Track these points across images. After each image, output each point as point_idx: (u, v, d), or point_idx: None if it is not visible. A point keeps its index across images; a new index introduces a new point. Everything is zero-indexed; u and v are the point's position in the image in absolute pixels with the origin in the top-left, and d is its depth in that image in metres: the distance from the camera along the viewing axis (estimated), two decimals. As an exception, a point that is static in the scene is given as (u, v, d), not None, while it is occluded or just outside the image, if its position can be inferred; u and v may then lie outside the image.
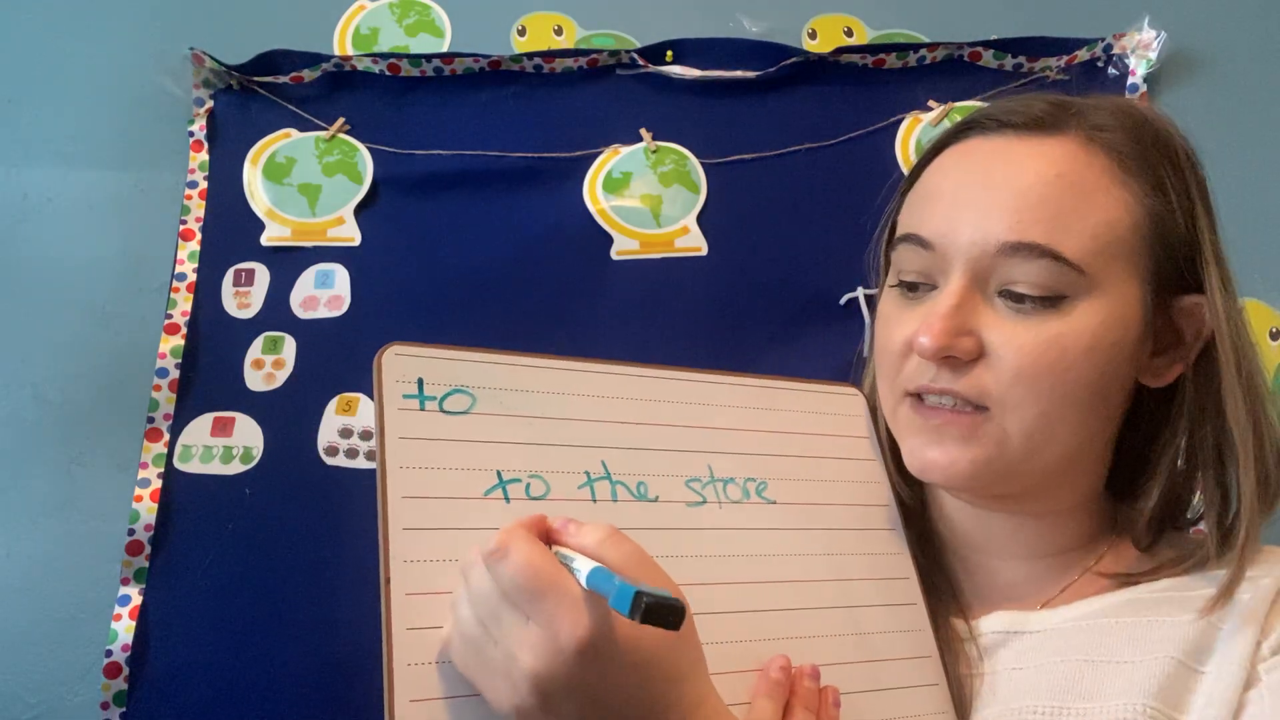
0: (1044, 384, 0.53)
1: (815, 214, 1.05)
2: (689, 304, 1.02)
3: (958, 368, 0.55)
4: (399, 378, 0.50)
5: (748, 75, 1.09)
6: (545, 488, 0.50)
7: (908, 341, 0.57)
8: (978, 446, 0.55)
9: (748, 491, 0.56)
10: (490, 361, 0.52)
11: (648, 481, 0.52)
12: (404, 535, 0.46)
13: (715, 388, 0.58)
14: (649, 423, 0.55)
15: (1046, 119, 0.57)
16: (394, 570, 0.45)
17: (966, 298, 0.55)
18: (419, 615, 0.45)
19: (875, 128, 1.08)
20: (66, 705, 0.91)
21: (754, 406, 0.59)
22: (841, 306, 1.02)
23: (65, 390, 1.00)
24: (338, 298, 1.02)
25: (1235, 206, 0.57)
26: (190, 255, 1.03)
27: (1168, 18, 1.07)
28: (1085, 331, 0.53)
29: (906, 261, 0.59)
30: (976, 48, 1.09)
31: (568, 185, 1.06)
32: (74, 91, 1.08)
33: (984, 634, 0.58)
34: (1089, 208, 0.54)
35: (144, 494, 0.95)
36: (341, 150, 1.06)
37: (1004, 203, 0.54)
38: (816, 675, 0.51)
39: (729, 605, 0.51)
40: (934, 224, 0.57)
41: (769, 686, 0.49)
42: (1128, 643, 0.53)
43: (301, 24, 1.10)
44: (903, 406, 0.59)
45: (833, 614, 0.54)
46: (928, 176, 0.60)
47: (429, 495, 0.47)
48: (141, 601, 0.92)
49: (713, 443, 0.56)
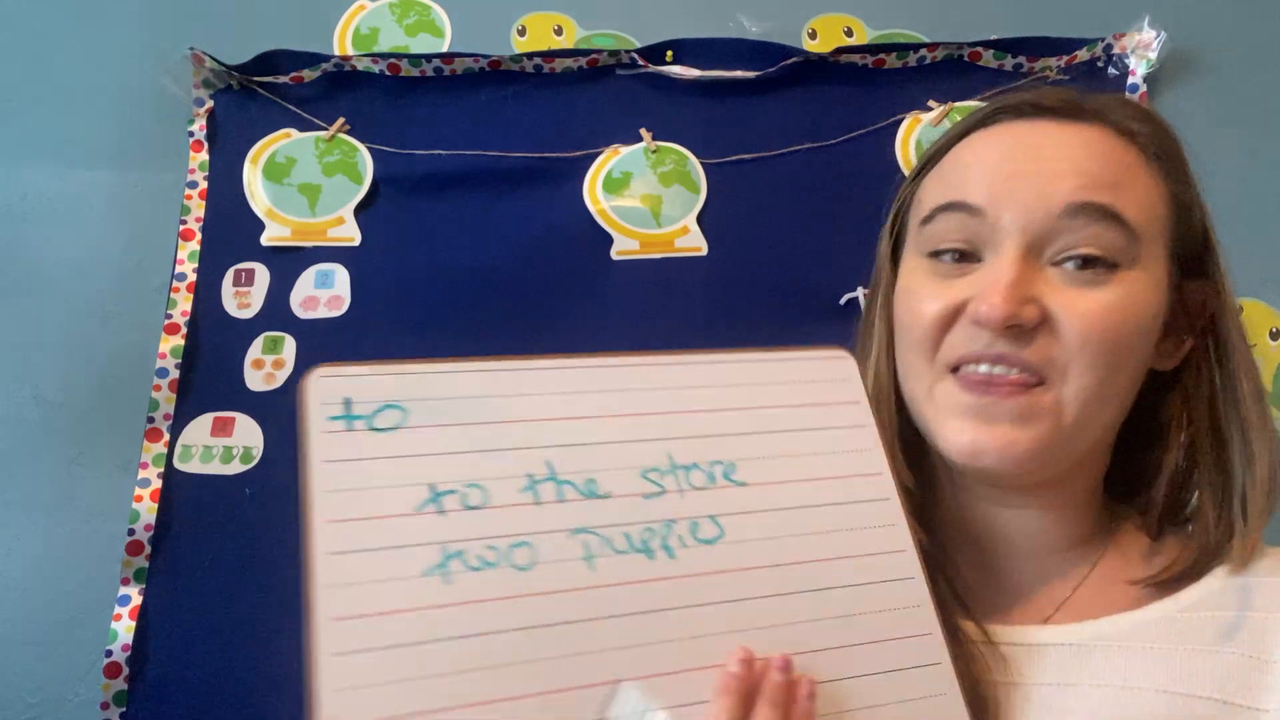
0: (1104, 352, 0.52)
1: (815, 214, 1.05)
2: (689, 304, 1.02)
3: (1018, 336, 0.53)
4: (324, 400, 0.48)
5: (748, 75, 1.09)
6: (483, 496, 0.48)
7: (950, 311, 0.55)
8: (1035, 426, 0.53)
9: (713, 476, 0.52)
10: (423, 372, 0.50)
11: (598, 477, 0.50)
12: (330, 560, 0.45)
13: (677, 369, 0.55)
14: (600, 415, 0.52)
15: (1076, 109, 0.57)
16: (319, 595, 0.44)
17: (1026, 264, 0.53)
18: (346, 640, 0.44)
19: (875, 128, 1.08)
20: (66, 705, 0.91)
21: (723, 384, 0.55)
22: (841, 306, 1.02)
23: (65, 390, 1.00)
24: (338, 298, 1.02)
25: (1235, 206, 0.58)
26: (190, 255, 1.03)
27: (1168, 18, 1.07)
28: (1134, 302, 0.53)
29: (946, 231, 0.56)
30: (976, 48, 1.09)
31: (568, 185, 1.06)
32: (74, 91, 1.08)
33: (1003, 643, 0.56)
34: (1135, 184, 0.54)
35: (144, 494, 0.95)
36: (341, 150, 1.06)
37: (1065, 167, 0.54)
38: (786, 667, 0.47)
39: (694, 598, 0.49)
40: (985, 190, 0.55)
41: (726, 682, 0.46)
42: (1168, 675, 0.52)
43: (301, 24, 1.11)
44: (944, 383, 0.56)
45: (815, 597, 0.51)
46: (959, 154, 0.59)
47: (356, 517, 0.46)
48: (141, 601, 0.92)
49: (672, 428, 0.53)
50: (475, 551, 0.46)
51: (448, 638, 0.44)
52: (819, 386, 0.57)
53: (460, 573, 0.46)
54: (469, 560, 0.46)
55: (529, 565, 0.47)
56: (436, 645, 0.44)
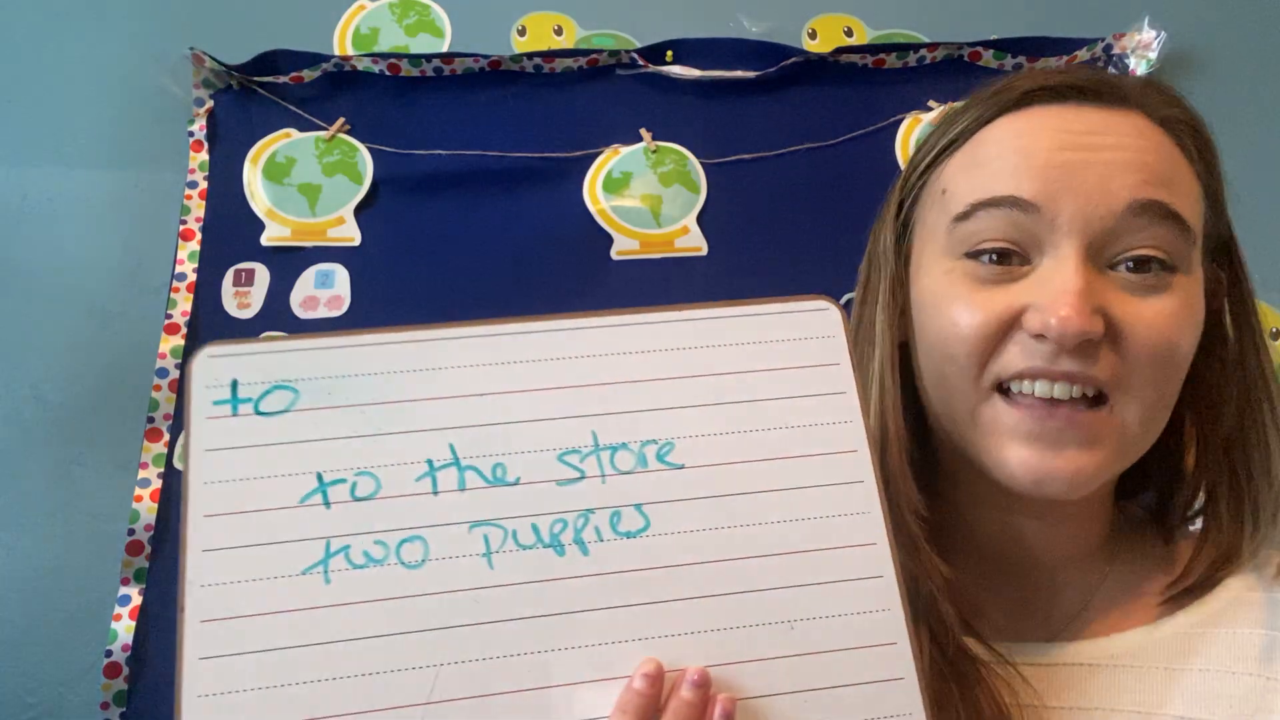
0: (1166, 364, 0.49)
1: (815, 214, 1.05)
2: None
3: (1088, 352, 0.47)
4: (210, 382, 0.44)
5: (748, 75, 1.09)
6: (375, 485, 0.43)
7: (1002, 322, 0.49)
8: (1102, 448, 0.48)
9: (644, 458, 0.45)
10: (317, 348, 0.45)
11: (506, 462, 0.44)
12: (203, 557, 0.42)
13: (612, 333, 0.47)
14: (516, 390, 0.45)
15: (1115, 93, 0.52)
16: (189, 596, 0.41)
17: (1089, 269, 0.48)
18: (214, 644, 0.41)
19: (875, 128, 1.08)
20: (66, 705, 0.91)
21: (668, 348, 0.47)
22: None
23: (65, 390, 1.00)
24: (338, 298, 1.02)
25: (1234, 207, 0.57)
26: (190, 255, 1.03)
27: (1168, 18, 1.07)
28: (1191, 308, 0.49)
29: (991, 229, 0.50)
30: (976, 48, 1.09)
31: (568, 185, 1.06)
32: (74, 91, 1.08)
33: (1019, 661, 0.53)
34: (1183, 179, 0.51)
35: (144, 494, 0.95)
36: (341, 150, 1.06)
37: (1124, 161, 0.48)
38: (702, 683, 0.41)
39: (606, 600, 0.43)
40: (1038, 182, 0.49)
41: (627, 699, 0.41)
42: (1183, 699, 0.51)
43: (301, 24, 1.11)
44: (992, 404, 0.50)
45: (754, 599, 0.44)
46: (992, 141, 0.52)
47: (235, 510, 0.43)
48: (141, 601, 0.92)
49: (603, 403, 0.46)
50: (361, 547, 0.42)
51: (323, 641, 0.41)
52: (790, 346, 0.49)
53: (342, 571, 0.42)
54: (353, 557, 0.42)
55: (418, 563, 0.42)
56: (310, 650, 0.41)
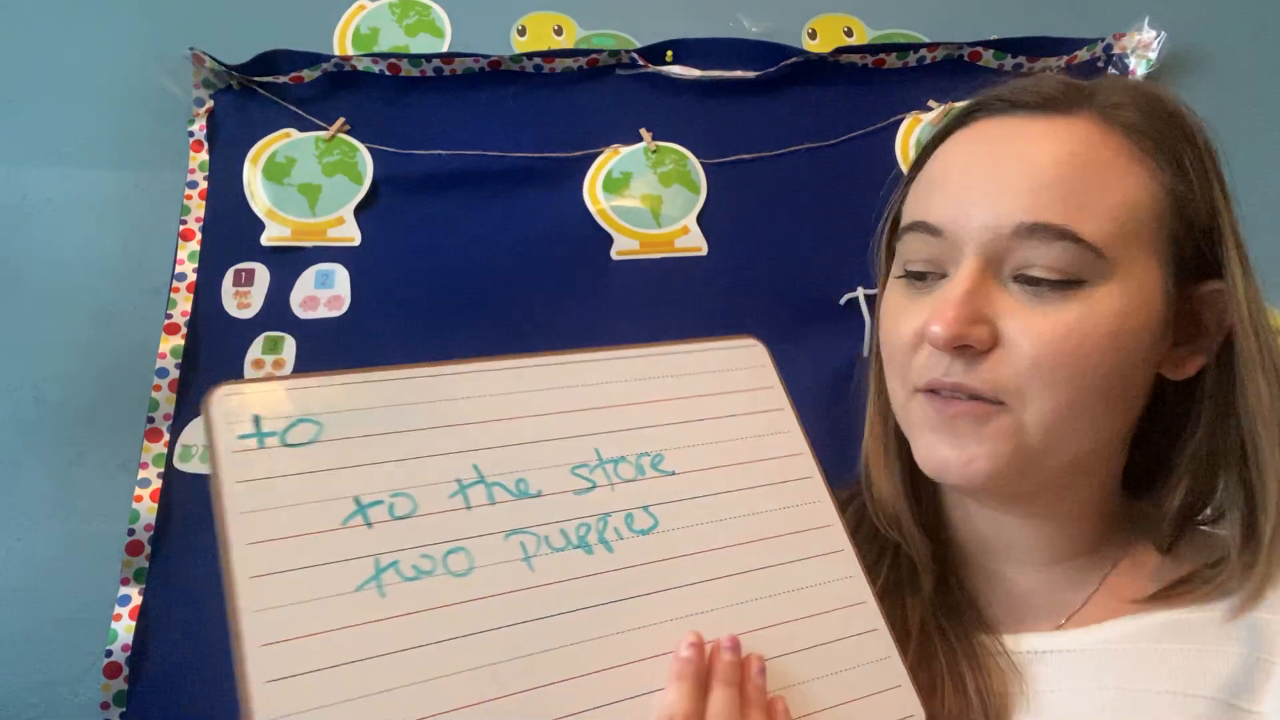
0: (1063, 374, 0.50)
1: (815, 214, 1.05)
2: (689, 304, 1.02)
3: (972, 359, 0.52)
4: (232, 419, 0.47)
5: (748, 75, 1.09)
6: (412, 504, 0.47)
7: (918, 333, 0.54)
8: (995, 442, 0.52)
9: (641, 467, 0.53)
10: (332, 384, 0.49)
11: (528, 477, 0.50)
12: (253, 584, 0.44)
13: (597, 365, 0.55)
14: (524, 415, 0.52)
15: (1058, 98, 0.54)
16: (244, 623, 0.43)
17: (980, 284, 0.52)
18: (278, 666, 0.42)
19: (875, 128, 1.08)
20: (66, 705, 0.91)
21: (641, 378, 0.56)
22: (841, 306, 1.02)
23: (65, 390, 1.00)
24: (338, 298, 1.02)
25: (1234, 207, 0.56)
26: (190, 255, 1.03)
27: (1168, 18, 1.07)
28: (1105, 318, 0.50)
29: (913, 250, 0.56)
30: (976, 48, 1.09)
31: (568, 185, 1.06)
32: (74, 91, 1.08)
33: (1014, 651, 0.56)
34: (1106, 188, 0.51)
35: (144, 494, 0.95)
36: (341, 150, 1.06)
37: (1018, 183, 0.51)
38: (735, 647, 0.48)
39: (638, 588, 0.49)
40: (942, 209, 0.54)
41: (680, 667, 0.47)
42: (1168, 675, 0.51)
43: (301, 24, 1.11)
44: (914, 401, 0.56)
45: (752, 577, 0.52)
46: (933, 163, 0.58)
47: (279, 536, 0.45)
48: (141, 601, 0.92)
49: (598, 423, 0.53)
50: (409, 561, 0.45)
51: (389, 652, 0.43)
52: (735, 374, 0.59)
53: (395, 584, 0.45)
54: (403, 571, 0.45)
55: (466, 571, 0.46)
56: (378, 661, 0.43)
